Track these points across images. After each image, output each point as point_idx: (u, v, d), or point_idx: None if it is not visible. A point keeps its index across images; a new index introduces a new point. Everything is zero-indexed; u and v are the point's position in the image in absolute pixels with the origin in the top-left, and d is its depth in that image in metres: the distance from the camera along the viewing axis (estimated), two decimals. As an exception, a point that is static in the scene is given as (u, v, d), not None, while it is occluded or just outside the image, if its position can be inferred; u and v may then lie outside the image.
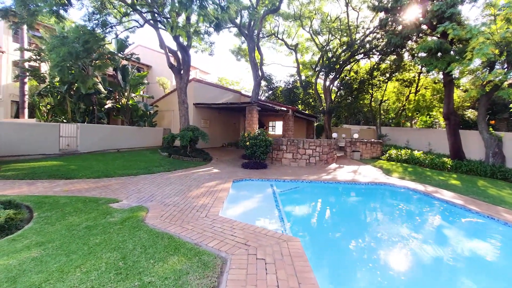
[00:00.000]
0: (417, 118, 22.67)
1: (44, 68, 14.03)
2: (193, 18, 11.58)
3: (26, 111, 14.41)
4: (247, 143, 10.62)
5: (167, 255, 3.07)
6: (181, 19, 11.34)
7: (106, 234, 3.59)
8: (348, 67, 24.16)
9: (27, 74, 13.55)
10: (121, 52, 14.55)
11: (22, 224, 3.87)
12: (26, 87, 14.37)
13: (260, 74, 18.75)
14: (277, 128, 25.17)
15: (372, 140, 16.03)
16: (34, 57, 12.68)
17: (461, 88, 18.74)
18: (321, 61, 24.21)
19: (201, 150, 13.31)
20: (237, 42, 27.02)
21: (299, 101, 27.23)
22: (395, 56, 19.80)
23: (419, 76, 20.97)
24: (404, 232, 5.41)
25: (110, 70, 15.95)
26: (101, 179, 7.31)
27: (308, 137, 24.17)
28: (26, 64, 14.00)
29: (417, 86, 21.13)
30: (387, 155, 14.61)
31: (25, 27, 14.50)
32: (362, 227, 5.67)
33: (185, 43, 12.88)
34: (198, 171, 9.41)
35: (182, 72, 13.04)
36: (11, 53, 15.09)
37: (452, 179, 9.93)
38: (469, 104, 19.60)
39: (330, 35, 23.95)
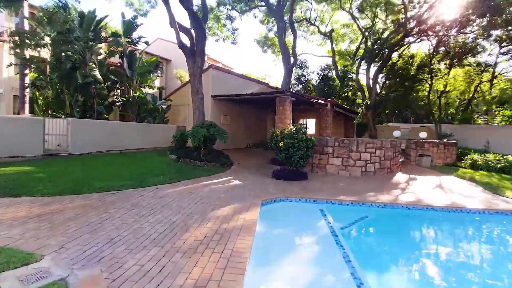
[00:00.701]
0: (496, 112, 17.72)
1: (44, 54, 12.24)
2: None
3: (26, 106, 12.79)
4: (281, 144, 7.60)
5: None
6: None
7: None
8: (396, 53, 20.01)
9: (27, 63, 11.82)
10: (129, 36, 12.32)
11: None
12: (27, 80, 12.73)
13: (292, 60, 15.66)
14: (308, 126, 21.68)
15: (445, 140, 12.11)
16: (29, 42, 10.86)
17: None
18: (363, 47, 20.39)
19: (220, 152, 10.56)
20: (263, 30, 24.21)
21: (336, 95, 23.48)
22: (462, 35, 15.52)
23: (496, 58, 16.31)
24: None
25: (116, 59, 13.83)
26: (60, 198, 4.77)
27: (347, 137, 20.42)
28: (27, 54, 12.33)
29: (493, 73, 16.45)
30: (468, 161, 10.71)
31: (26, 10, 13.01)
32: None
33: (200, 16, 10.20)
34: (211, 183, 6.61)
35: (196, 54, 10.37)
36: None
37: None
38: None
39: (374, 16, 20.06)
